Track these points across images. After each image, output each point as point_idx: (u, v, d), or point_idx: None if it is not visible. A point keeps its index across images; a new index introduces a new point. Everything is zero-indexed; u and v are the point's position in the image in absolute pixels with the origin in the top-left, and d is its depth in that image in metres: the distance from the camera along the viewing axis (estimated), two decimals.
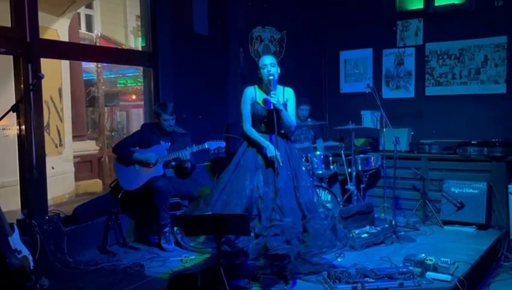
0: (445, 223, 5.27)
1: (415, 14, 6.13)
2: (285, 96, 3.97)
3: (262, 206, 3.77)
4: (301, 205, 3.85)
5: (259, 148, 3.86)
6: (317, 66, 6.89)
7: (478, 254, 4.26)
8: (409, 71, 6.27)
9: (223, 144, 4.61)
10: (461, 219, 5.22)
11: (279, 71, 3.91)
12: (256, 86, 3.99)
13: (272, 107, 3.76)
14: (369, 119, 6.11)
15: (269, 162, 3.80)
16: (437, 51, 6.02)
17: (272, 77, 3.81)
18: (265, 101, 3.87)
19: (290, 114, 3.97)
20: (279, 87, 3.98)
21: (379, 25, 6.32)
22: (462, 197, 5.27)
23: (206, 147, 4.54)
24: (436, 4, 5.99)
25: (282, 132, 3.97)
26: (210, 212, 3.74)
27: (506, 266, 4.89)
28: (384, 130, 5.41)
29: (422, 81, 6.16)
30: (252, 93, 3.95)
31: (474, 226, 5.13)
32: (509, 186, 5.13)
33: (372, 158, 5.52)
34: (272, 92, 3.77)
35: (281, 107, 3.83)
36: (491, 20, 5.62)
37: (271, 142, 3.84)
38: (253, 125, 3.95)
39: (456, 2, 5.86)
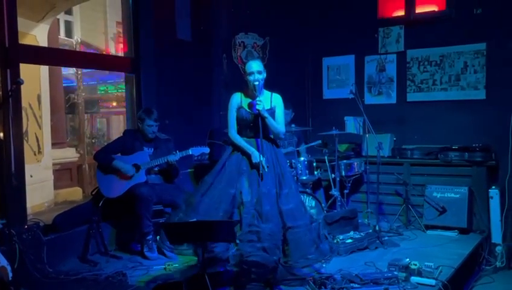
0: (428, 227, 5.32)
1: (396, 21, 6.22)
2: (272, 103, 3.98)
3: (244, 212, 3.75)
4: (282, 213, 3.84)
5: (244, 153, 3.85)
6: (300, 72, 6.92)
7: (461, 258, 4.32)
8: (390, 77, 6.34)
9: (206, 149, 4.59)
10: (443, 223, 5.28)
11: (265, 76, 3.92)
12: (242, 92, 4.00)
13: (256, 111, 3.77)
14: (352, 125, 6.13)
15: (254, 167, 3.79)
16: (418, 57, 6.11)
17: (257, 83, 3.82)
18: (251, 105, 3.88)
19: (279, 121, 3.97)
20: (267, 93, 3.99)
21: (361, 32, 6.39)
22: (444, 202, 5.33)
23: (190, 153, 4.52)
24: (416, 11, 6.09)
25: (272, 136, 3.97)
26: (192, 215, 3.74)
27: (488, 269, 4.97)
28: (367, 135, 5.46)
29: (404, 87, 6.23)
30: (238, 99, 3.97)
31: (456, 231, 5.19)
32: (489, 190, 5.23)
33: (356, 164, 5.56)
34: (257, 99, 3.78)
35: (266, 115, 3.83)
36: (471, 28, 5.73)
37: (257, 147, 3.83)
38: (240, 130, 3.95)
39: (436, 10, 5.96)
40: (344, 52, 6.61)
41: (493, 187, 5.26)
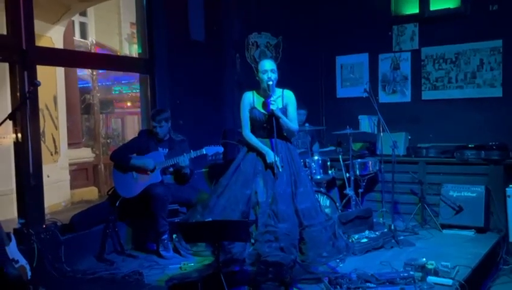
0: (444, 227, 5.25)
1: (411, 18, 6.17)
2: (284, 100, 3.98)
3: (260, 212, 3.77)
4: (298, 212, 3.84)
5: (259, 153, 3.86)
6: (313, 71, 6.91)
7: (478, 258, 4.26)
8: (405, 76, 6.29)
9: (221, 149, 4.60)
10: (460, 222, 5.21)
11: (277, 76, 3.92)
12: (254, 91, 4.01)
13: (270, 111, 3.77)
14: (366, 123, 6.11)
15: (269, 167, 3.80)
16: (433, 55, 6.06)
17: (270, 82, 3.83)
18: (265, 104, 3.88)
19: (292, 118, 3.97)
20: (278, 90, 4.00)
21: (375, 30, 6.35)
22: (460, 201, 5.27)
23: (204, 152, 4.52)
24: (431, 9, 6.03)
25: (285, 134, 3.97)
26: (208, 216, 3.76)
27: (505, 269, 4.89)
28: (381, 134, 5.43)
29: (419, 85, 6.18)
30: (250, 99, 3.98)
31: (473, 230, 5.12)
32: (507, 189, 5.14)
33: (370, 163, 5.52)
34: (271, 99, 3.78)
35: (280, 115, 3.84)
36: (486, 24, 5.66)
37: (271, 147, 3.84)
38: (253, 130, 3.97)
39: (451, 7, 5.90)
40: (358, 50, 6.58)
41: (510, 186, 5.16)
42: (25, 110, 4.03)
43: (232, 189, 3.86)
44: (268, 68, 3.86)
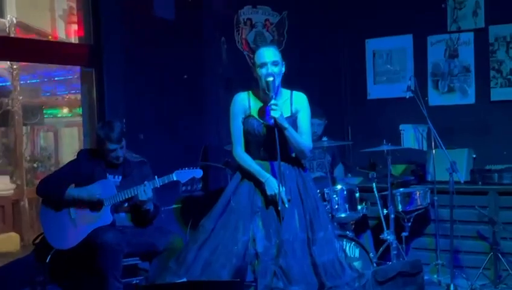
0: None
1: None
2: (293, 106, 3.99)
3: (260, 269, 3.75)
4: (318, 268, 3.84)
5: (258, 182, 3.85)
6: (333, 61, 6.95)
7: None
8: (466, 66, 6.34)
9: (198, 173, 4.61)
10: None
11: (283, 70, 3.93)
12: (250, 91, 4.01)
13: (272, 122, 3.77)
14: (411, 136, 6.14)
15: (272, 203, 3.79)
16: (506, 36, 6.11)
17: (271, 79, 3.82)
18: (263, 113, 3.88)
19: (303, 131, 3.98)
20: (286, 93, 4.01)
21: (421, 1, 6.40)
22: None
23: (175, 178, 4.53)
24: None
25: (293, 155, 3.97)
26: (184, 276, 3.72)
27: None
28: (433, 152, 5.44)
29: (486, 80, 6.23)
30: (245, 103, 3.97)
31: None
32: None
33: (418, 193, 5.54)
34: (272, 103, 3.78)
35: (286, 125, 3.84)
36: None
37: (273, 172, 3.83)
38: (249, 149, 3.96)
39: None
40: (398, 30, 6.64)
41: None
42: None
43: (219, 236, 3.83)
44: (267, 60, 3.86)
